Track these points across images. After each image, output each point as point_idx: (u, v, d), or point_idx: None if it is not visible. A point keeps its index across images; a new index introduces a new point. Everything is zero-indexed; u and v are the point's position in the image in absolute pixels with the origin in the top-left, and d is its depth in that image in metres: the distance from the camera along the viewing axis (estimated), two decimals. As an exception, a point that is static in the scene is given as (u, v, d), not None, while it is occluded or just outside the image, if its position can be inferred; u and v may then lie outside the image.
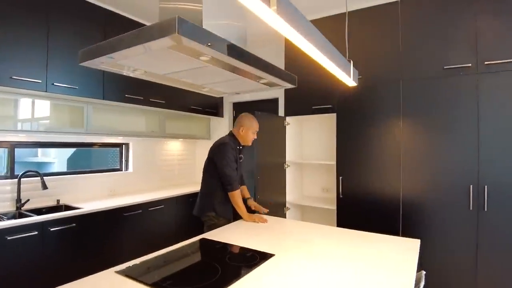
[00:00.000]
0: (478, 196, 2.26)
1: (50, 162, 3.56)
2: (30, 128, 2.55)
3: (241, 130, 2.32)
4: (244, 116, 2.37)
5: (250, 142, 2.38)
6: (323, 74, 2.88)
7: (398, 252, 1.60)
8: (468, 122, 2.31)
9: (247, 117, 2.35)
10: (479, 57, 2.30)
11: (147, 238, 3.09)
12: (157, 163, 3.95)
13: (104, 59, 1.19)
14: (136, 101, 3.14)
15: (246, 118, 2.35)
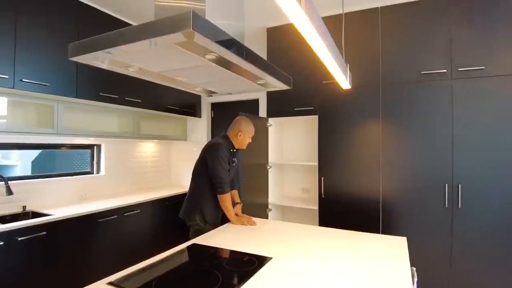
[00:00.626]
0: (453, 194, 2.41)
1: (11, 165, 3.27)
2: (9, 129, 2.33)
3: (239, 135, 2.25)
4: (242, 120, 2.30)
5: (245, 146, 2.33)
6: (306, 76, 2.94)
7: (390, 250, 1.65)
8: (443, 124, 2.45)
9: (246, 121, 2.29)
10: (453, 64, 2.45)
11: (124, 245, 2.93)
12: (130, 166, 3.77)
13: (100, 54, 1.10)
14: (111, 99, 2.97)
15: (245, 122, 2.28)
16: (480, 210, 2.33)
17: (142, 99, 3.31)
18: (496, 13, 2.33)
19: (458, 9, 2.43)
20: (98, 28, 2.87)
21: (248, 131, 2.27)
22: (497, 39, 2.33)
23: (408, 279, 1.29)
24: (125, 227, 2.96)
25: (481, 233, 2.32)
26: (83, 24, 2.73)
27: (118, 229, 2.87)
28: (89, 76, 2.76)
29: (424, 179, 2.51)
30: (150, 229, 3.25)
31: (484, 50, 2.35)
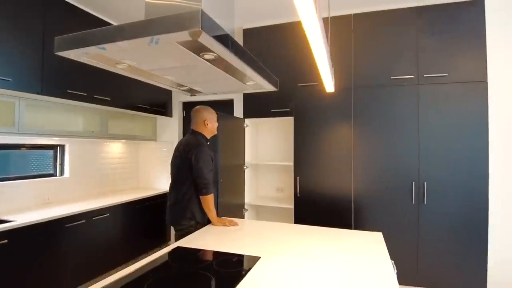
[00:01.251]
0: (419, 191, 2.60)
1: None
2: None
3: (205, 123, 2.20)
4: (200, 109, 2.24)
5: (216, 130, 2.31)
6: (282, 78, 2.98)
7: (370, 245, 1.74)
8: (410, 126, 2.64)
9: (204, 108, 2.24)
10: (419, 70, 2.64)
11: (94, 251, 2.79)
12: (96, 167, 3.57)
13: (93, 49, 1.04)
14: (79, 97, 2.80)
15: (204, 109, 2.23)
16: (443, 205, 2.55)
17: (111, 97, 3.15)
18: (458, 26, 2.56)
19: (424, 20, 2.63)
20: (68, 22, 2.71)
21: (211, 116, 2.24)
22: (458, 49, 2.56)
23: (392, 272, 1.37)
24: (94, 232, 2.81)
25: (444, 225, 2.55)
26: (51, 16, 2.55)
27: (87, 234, 2.72)
28: (56, 71, 2.58)
29: (393, 177, 2.68)
30: (120, 233, 3.12)
31: (447, 58, 2.57)
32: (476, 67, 2.52)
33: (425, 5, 2.65)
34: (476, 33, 2.53)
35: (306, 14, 0.83)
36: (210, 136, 2.28)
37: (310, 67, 2.89)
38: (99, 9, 3.02)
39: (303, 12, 0.82)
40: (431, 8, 2.63)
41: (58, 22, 2.62)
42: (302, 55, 2.96)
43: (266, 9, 2.96)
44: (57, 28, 2.61)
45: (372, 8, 2.80)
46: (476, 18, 2.53)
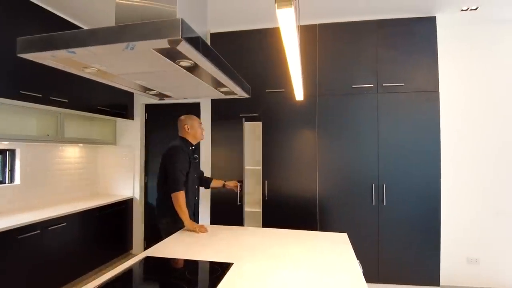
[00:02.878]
0: (379, 192, 2.76)
1: None
2: None
3: (187, 129, 2.30)
4: (182, 117, 2.36)
5: (201, 135, 2.39)
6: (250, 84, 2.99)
7: (337, 246, 1.82)
8: (370, 132, 2.81)
9: (186, 116, 2.36)
10: (378, 80, 2.82)
11: (51, 263, 2.61)
12: (51, 173, 3.33)
13: (62, 53, 0.98)
14: (33, 99, 2.59)
15: (186, 117, 2.35)
16: (400, 205, 2.75)
17: (68, 99, 2.97)
18: (413, 39, 2.78)
19: (383, 32, 2.82)
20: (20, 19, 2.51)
21: (192, 122, 2.33)
22: (413, 61, 2.78)
23: (359, 271, 1.45)
24: (50, 243, 2.62)
25: (402, 224, 2.75)
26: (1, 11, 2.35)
27: (42, 245, 2.54)
28: (9, 71, 2.38)
29: (355, 180, 2.83)
30: (79, 243, 2.94)
31: (403, 69, 2.78)
32: (429, 78, 2.75)
33: (385, 19, 2.83)
34: (429, 46, 2.76)
35: (287, 27, 0.86)
36: (195, 142, 2.37)
37: (278, 74, 2.96)
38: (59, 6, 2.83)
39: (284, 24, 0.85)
40: (389, 21, 2.82)
41: (10, 18, 2.42)
42: (269, 61, 3.02)
43: (234, 15, 2.97)
44: (9, 24, 2.41)
45: (336, 19, 2.94)
46: (429, 33, 2.76)
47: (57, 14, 2.91)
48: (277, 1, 0.70)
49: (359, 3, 2.69)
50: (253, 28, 3.11)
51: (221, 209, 3.13)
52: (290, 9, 0.71)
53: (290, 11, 0.72)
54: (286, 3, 0.70)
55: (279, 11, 0.73)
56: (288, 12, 0.73)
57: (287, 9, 0.71)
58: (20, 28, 2.52)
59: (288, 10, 0.72)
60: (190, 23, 1.25)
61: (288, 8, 0.70)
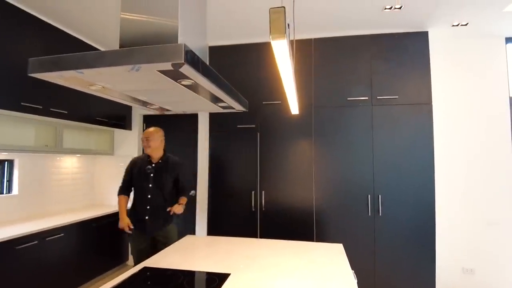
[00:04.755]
0: (374, 203, 2.82)
1: None
2: None
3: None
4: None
5: (147, 150, 2.61)
6: (248, 96, 3.04)
7: (332, 257, 1.86)
8: (365, 143, 2.88)
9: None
10: (373, 92, 2.90)
11: (49, 274, 2.62)
12: (48, 184, 3.35)
13: (71, 73, 1.04)
14: (34, 110, 2.64)
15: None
16: (396, 215, 2.81)
17: (68, 110, 3.01)
18: (406, 53, 2.88)
19: (377, 46, 2.92)
20: (23, 32, 2.57)
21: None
22: (407, 74, 2.87)
23: (353, 281, 1.49)
24: (48, 253, 2.64)
25: (398, 234, 2.80)
26: (4, 25, 2.41)
27: (40, 256, 2.55)
28: (9, 83, 2.43)
29: (351, 190, 2.89)
30: (77, 254, 2.95)
31: (397, 82, 2.87)
32: (422, 91, 2.84)
33: (378, 33, 2.93)
34: (422, 60, 2.86)
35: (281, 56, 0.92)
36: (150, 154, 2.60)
37: (274, 86, 3.03)
38: (60, 20, 2.90)
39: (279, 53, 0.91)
40: (383, 36, 2.92)
41: (12, 31, 2.48)
42: (266, 74, 3.09)
43: (232, 29, 3.06)
44: (12, 37, 2.47)
45: (330, 34, 3.03)
46: (421, 47, 2.86)
47: (60, 28, 2.98)
48: (271, 33, 0.76)
49: (353, 18, 2.79)
50: (251, 42, 3.20)
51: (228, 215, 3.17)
52: (283, 41, 0.78)
53: (284, 42, 0.79)
54: (280, 36, 0.76)
55: (273, 42, 0.79)
56: (282, 43, 0.79)
57: (281, 40, 0.78)
58: (22, 42, 2.57)
59: (282, 42, 0.79)
60: (190, 39, 1.33)
61: (282, 40, 0.77)
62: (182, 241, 2.23)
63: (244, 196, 3.11)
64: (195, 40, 1.42)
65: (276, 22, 0.75)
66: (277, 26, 0.75)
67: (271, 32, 0.76)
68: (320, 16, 2.76)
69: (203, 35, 1.54)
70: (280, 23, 0.75)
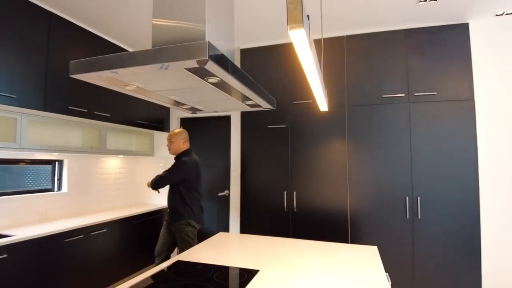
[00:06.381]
0: (413, 206, 2.68)
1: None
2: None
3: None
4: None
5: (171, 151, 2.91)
6: (278, 96, 3.10)
7: (365, 258, 1.80)
8: (402, 142, 2.75)
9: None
10: (410, 89, 2.77)
11: (92, 266, 2.80)
12: (93, 183, 3.60)
13: (107, 73, 1.12)
14: (80, 113, 2.86)
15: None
16: (436, 219, 2.64)
17: (111, 114, 3.23)
18: (445, 47, 2.72)
19: (413, 41, 2.79)
20: (70, 42, 2.80)
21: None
22: (446, 69, 2.71)
23: (387, 284, 1.43)
24: (92, 247, 2.82)
25: (439, 239, 2.63)
26: (54, 33, 2.64)
27: (85, 249, 2.74)
28: (58, 89, 2.66)
29: (387, 192, 2.77)
30: (118, 248, 3.13)
31: (435, 78, 2.72)
32: (463, 86, 2.66)
33: (413, 28, 2.81)
34: (462, 54, 2.69)
35: (300, 47, 0.92)
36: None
37: (305, 86, 3.01)
38: (102, 29, 3.13)
39: (297, 44, 0.92)
40: (419, 30, 2.79)
41: (62, 41, 2.72)
42: (296, 73, 3.08)
43: (262, 31, 3.09)
44: (61, 46, 2.70)
45: (363, 30, 2.95)
46: (461, 40, 2.69)
47: (102, 36, 3.21)
48: (288, 23, 0.76)
49: (386, 13, 2.70)
50: (279, 42, 3.21)
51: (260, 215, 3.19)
52: (301, 30, 0.77)
53: (301, 32, 0.78)
54: (297, 25, 0.76)
55: (291, 32, 0.79)
56: (300, 33, 0.79)
57: (299, 30, 0.77)
58: (69, 50, 2.81)
59: (300, 31, 0.78)
60: (217, 41, 1.37)
61: (299, 29, 0.77)
62: (215, 237, 2.28)
63: (276, 196, 3.11)
64: (222, 41, 1.46)
65: (293, 12, 0.75)
66: (294, 15, 0.75)
67: (288, 22, 0.76)
68: (351, 12, 2.70)
69: (230, 37, 1.58)
70: (297, 12, 0.74)
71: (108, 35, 3.29)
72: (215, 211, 3.95)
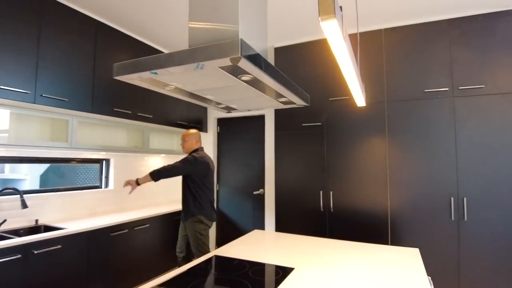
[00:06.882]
0: (458, 207, 2.51)
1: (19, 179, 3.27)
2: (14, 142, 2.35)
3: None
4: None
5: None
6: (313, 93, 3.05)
7: (405, 260, 1.72)
8: (446, 139, 2.59)
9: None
10: (454, 82, 2.60)
11: (135, 258, 2.97)
12: (138, 180, 3.80)
13: (146, 74, 1.19)
14: (124, 115, 3.05)
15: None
16: (485, 222, 2.44)
17: (153, 115, 3.39)
18: (493, 36, 2.51)
19: (457, 31, 2.61)
20: (114, 47, 2.99)
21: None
22: (495, 59, 2.50)
23: (428, 287, 1.36)
24: (136, 241, 2.98)
25: (488, 243, 2.43)
26: (101, 41, 2.84)
27: (129, 242, 2.90)
28: (104, 92, 2.85)
29: (430, 192, 2.62)
30: (159, 243, 3.28)
31: (483, 70, 2.52)
32: (516, 78, 2.45)
33: (457, 17, 2.63)
34: (514, 42, 2.47)
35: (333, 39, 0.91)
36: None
37: (341, 82, 2.94)
38: (144, 34, 3.31)
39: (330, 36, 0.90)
40: (463, 19, 2.61)
41: (107, 47, 2.91)
42: (332, 70, 3.02)
43: (295, 28, 3.08)
44: (106, 53, 2.89)
45: (402, 23, 2.82)
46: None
47: (144, 41, 3.39)
48: (320, 14, 0.75)
49: (427, 3, 2.56)
50: (313, 39, 3.17)
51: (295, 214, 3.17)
52: (333, 21, 0.76)
53: (334, 23, 0.77)
54: (329, 16, 0.74)
55: (323, 23, 0.78)
56: (332, 24, 0.78)
57: (331, 21, 0.76)
58: (114, 56, 3.00)
59: (332, 22, 0.77)
60: (250, 41, 1.39)
61: (332, 20, 0.75)
62: (250, 234, 2.31)
63: (312, 195, 3.07)
64: (255, 40, 1.48)
65: (324, 3, 0.74)
66: (326, 6, 0.74)
67: (320, 13, 0.75)
68: (388, 4, 2.60)
69: (263, 36, 1.60)
70: (329, 3, 0.73)
71: (150, 40, 3.47)
72: (251, 210, 4.00)
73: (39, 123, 2.63)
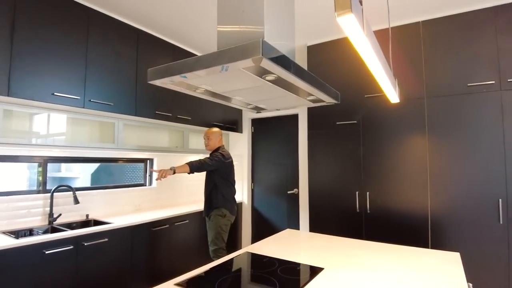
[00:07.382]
0: (508, 209, 2.31)
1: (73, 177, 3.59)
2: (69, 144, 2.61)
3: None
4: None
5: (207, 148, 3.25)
6: (347, 90, 3.01)
7: (443, 265, 1.63)
8: (493, 137, 2.40)
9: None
10: (502, 75, 2.41)
11: (175, 252, 3.13)
12: (177, 179, 3.99)
13: (177, 78, 1.26)
14: (165, 117, 3.23)
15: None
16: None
17: (191, 117, 3.55)
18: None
19: (504, 19, 2.41)
20: (154, 53, 3.18)
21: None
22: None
23: (466, 295, 1.29)
24: (176, 236, 3.15)
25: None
26: (142, 48, 3.04)
27: (170, 237, 3.07)
28: (146, 96, 3.04)
29: (475, 194, 2.45)
30: (198, 238, 3.42)
31: (535, 60, 2.30)
32: None
33: (504, 4, 2.42)
34: None
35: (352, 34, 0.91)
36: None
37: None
38: (182, 40, 3.48)
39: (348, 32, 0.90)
40: (510, 6, 2.40)
41: (147, 53, 3.11)
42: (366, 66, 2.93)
43: (327, 26, 3.04)
44: (146, 59, 3.09)
45: (441, 14, 2.67)
46: None
47: (182, 47, 3.56)
48: (336, 10, 0.74)
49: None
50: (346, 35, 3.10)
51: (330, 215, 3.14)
52: (350, 16, 0.75)
53: (351, 17, 0.76)
54: (345, 11, 0.73)
55: (339, 19, 0.77)
56: (349, 18, 0.77)
57: (347, 16, 0.75)
58: (154, 61, 3.18)
59: (349, 17, 0.76)
60: (275, 41, 1.42)
61: (348, 15, 0.74)
62: (282, 233, 2.33)
63: (347, 196, 3.01)
64: (282, 40, 1.51)
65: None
66: (342, 1, 0.73)
67: (336, 8, 0.74)
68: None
69: (290, 36, 1.61)
70: (345, -3, 0.73)
71: (188, 45, 3.64)
72: (285, 209, 4.01)
73: (89, 126, 2.88)
